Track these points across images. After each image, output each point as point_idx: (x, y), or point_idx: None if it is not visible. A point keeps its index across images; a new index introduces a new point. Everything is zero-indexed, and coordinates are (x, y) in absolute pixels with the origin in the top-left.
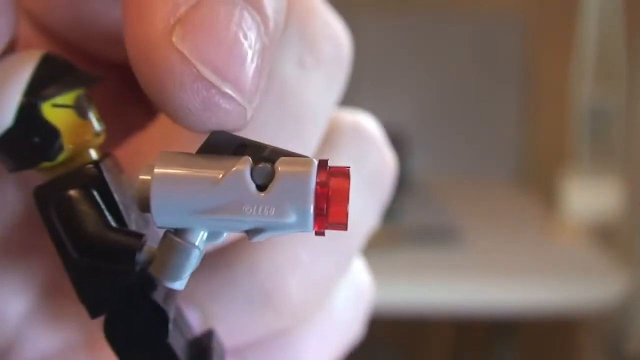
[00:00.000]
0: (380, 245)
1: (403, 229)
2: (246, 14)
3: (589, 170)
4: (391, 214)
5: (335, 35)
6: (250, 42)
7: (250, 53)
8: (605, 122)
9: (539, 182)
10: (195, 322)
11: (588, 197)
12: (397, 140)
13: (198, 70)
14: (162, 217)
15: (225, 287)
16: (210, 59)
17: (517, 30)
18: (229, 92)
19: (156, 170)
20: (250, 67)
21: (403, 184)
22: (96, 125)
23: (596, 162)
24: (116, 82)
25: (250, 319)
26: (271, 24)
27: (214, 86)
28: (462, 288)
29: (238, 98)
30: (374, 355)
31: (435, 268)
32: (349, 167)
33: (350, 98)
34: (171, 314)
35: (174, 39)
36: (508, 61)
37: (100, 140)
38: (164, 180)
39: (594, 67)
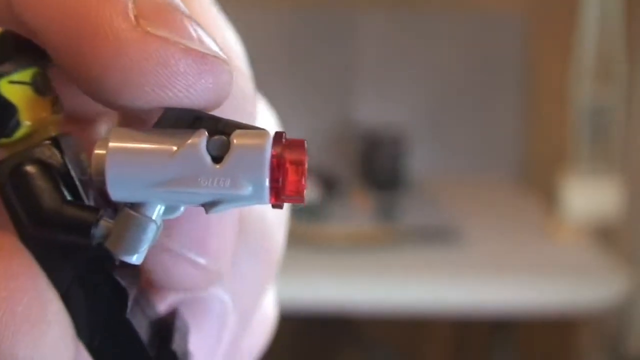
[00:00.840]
0: (380, 245)
1: (403, 228)
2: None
3: (589, 170)
4: (391, 214)
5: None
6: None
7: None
8: (605, 122)
9: (539, 182)
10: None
11: (588, 197)
12: (397, 140)
13: (186, 45)
14: (118, 190)
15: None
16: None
17: (517, 30)
18: (219, 56)
19: (110, 144)
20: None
21: (403, 184)
22: (54, 102)
23: (596, 162)
24: None
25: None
26: None
27: (204, 54)
28: (462, 288)
29: (224, 60)
30: (374, 355)
31: (435, 268)
32: (304, 139)
33: (351, 98)
34: (132, 291)
35: (148, 29)
36: (508, 61)
37: (59, 118)
38: (119, 154)
39: (594, 67)
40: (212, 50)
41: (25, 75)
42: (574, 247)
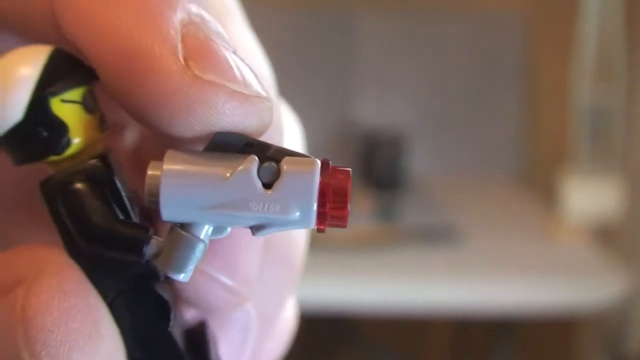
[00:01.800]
0: (380, 245)
1: (403, 229)
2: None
3: (589, 170)
4: (391, 214)
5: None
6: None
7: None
8: (605, 122)
9: (539, 182)
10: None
11: (588, 197)
12: (397, 140)
13: (231, 88)
14: (170, 211)
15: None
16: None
17: (517, 30)
18: (261, 96)
19: (165, 167)
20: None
21: (403, 184)
22: (100, 120)
23: (596, 162)
24: None
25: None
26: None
27: (248, 96)
28: (462, 288)
29: (266, 98)
30: (374, 355)
31: (435, 268)
32: (349, 169)
33: (351, 98)
34: (173, 306)
35: (196, 72)
36: (508, 61)
37: (105, 135)
38: (173, 176)
39: (594, 67)
40: (255, 91)
41: (76, 94)
42: (574, 247)
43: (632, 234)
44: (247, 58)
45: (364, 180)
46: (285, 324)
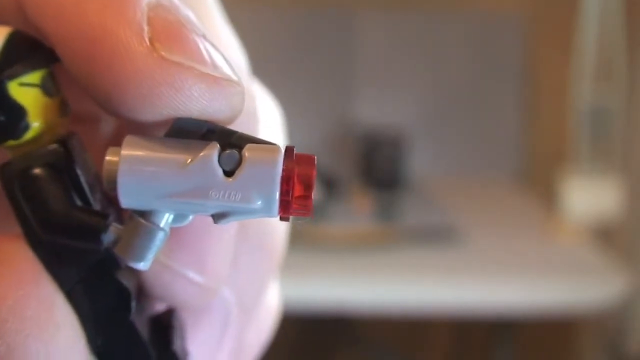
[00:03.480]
0: (380, 245)
1: (403, 229)
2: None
3: (589, 170)
4: (391, 214)
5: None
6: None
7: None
8: (605, 122)
9: (539, 182)
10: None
11: (588, 197)
12: (397, 140)
13: (199, 70)
14: (129, 198)
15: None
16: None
17: (517, 30)
18: (231, 80)
19: (123, 152)
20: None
21: (403, 184)
22: (61, 104)
23: (596, 162)
24: None
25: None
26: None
27: (216, 78)
28: (462, 288)
29: (236, 82)
30: (374, 355)
31: (435, 268)
32: (314, 155)
33: (351, 98)
34: (133, 293)
35: (163, 53)
36: (508, 61)
37: (66, 120)
38: (131, 162)
39: (594, 67)
40: (225, 74)
41: (35, 77)
42: (574, 247)
43: (632, 234)
44: (220, 46)
45: (364, 180)
46: (268, 310)
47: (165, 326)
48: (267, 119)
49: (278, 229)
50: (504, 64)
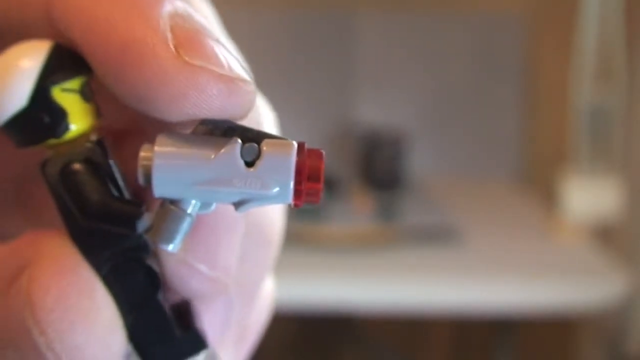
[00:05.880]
0: (380, 245)
1: (403, 229)
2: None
3: (589, 170)
4: (391, 214)
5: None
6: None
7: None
8: (605, 122)
9: (539, 182)
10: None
11: (588, 197)
12: (397, 140)
13: (218, 72)
14: (162, 188)
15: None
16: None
17: (517, 30)
18: (245, 79)
19: (157, 148)
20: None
21: (403, 184)
22: (96, 110)
23: (596, 162)
24: None
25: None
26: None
27: (232, 78)
28: (462, 288)
29: (249, 82)
30: (374, 355)
31: (435, 268)
32: (323, 151)
33: (351, 98)
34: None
35: (186, 59)
36: (508, 61)
37: (99, 123)
38: (164, 157)
39: (594, 67)
40: (238, 74)
41: (75, 83)
42: (574, 247)
43: (632, 234)
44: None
45: (364, 180)
46: (266, 296)
47: (184, 310)
48: (266, 117)
49: (276, 219)
50: (504, 64)
